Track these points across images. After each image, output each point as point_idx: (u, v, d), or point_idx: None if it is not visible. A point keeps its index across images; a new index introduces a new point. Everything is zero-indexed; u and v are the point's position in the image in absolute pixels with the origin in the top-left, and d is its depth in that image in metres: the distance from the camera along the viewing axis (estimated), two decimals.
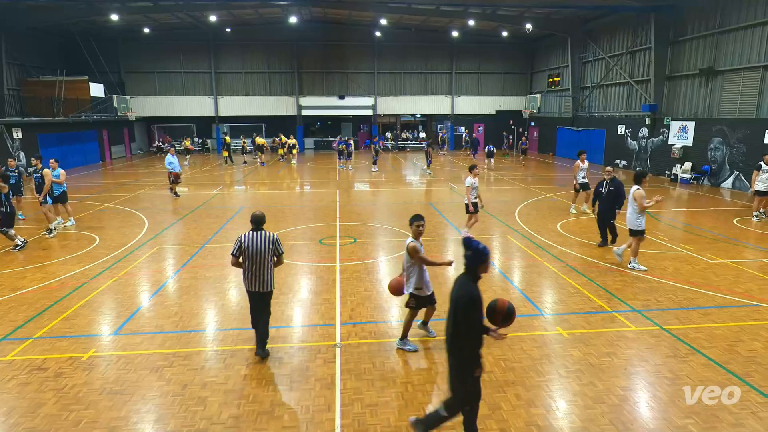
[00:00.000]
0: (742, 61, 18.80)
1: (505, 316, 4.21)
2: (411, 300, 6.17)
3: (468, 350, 4.06)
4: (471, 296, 3.99)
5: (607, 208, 10.31)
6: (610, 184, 10.31)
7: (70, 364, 5.88)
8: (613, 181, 10.33)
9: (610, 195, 10.22)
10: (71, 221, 13.22)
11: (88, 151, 29.95)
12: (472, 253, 4.10)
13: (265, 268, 5.92)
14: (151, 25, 31.89)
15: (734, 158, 18.88)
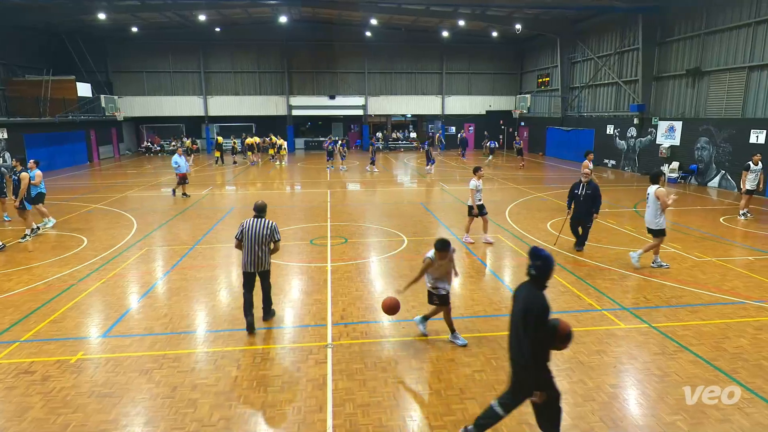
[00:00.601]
0: (728, 61, 19.06)
1: (563, 338, 4.03)
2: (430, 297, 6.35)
3: (537, 362, 3.96)
4: (545, 306, 3.91)
5: (583, 211, 9.97)
6: (587, 186, 9.95)
7: (57, 368, 5.81)
8: (590, 183, 9.98)
9: (587, 198, 9.88)
10: (50, 221, 12.89)
11: (75, 152, 29.58)
12: (542, 262, 4.01)
13: (262, 251, 6.64)
14: (139, 24, 31.57)
15: (720, 158, 19.14)
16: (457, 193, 18.23)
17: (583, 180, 10.02)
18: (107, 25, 30.72)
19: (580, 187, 10.04)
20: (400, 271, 9.20)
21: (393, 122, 44.60)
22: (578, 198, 10.03)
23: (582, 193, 9.96)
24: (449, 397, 5.18)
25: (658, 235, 9.11)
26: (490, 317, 7.18)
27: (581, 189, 10.02)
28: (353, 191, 19.88)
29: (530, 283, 4.06)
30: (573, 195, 10.17)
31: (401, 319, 7.11)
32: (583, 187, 9.98)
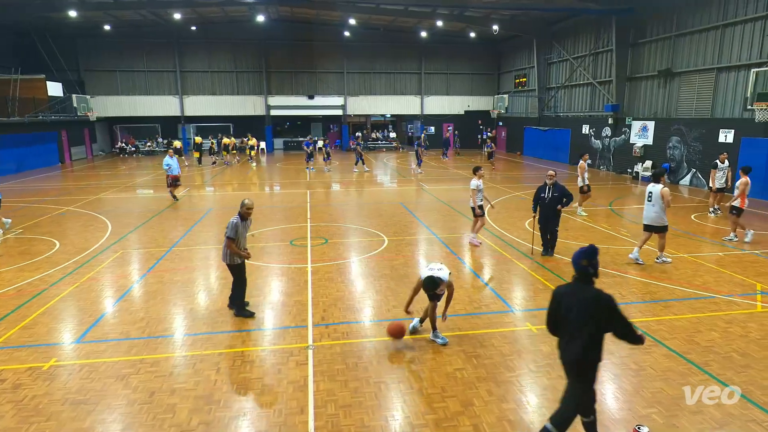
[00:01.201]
0: (698, 63, 19.60)
1: None
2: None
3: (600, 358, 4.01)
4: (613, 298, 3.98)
5: (551, 214, 9.72)
6: (553, 189, 9.64)
7: (29, 375, 5.64)
8: (556, 186, 9.68)
9: (554, 201, 9.60)
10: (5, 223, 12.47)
11: (46, 153, 28.78)
12: (597, 262, 4.04)
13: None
14: (112, 23, 30.87)
15: (691, 156, 19.67)
16: (437, 193, 18.33)
17: (548, 182, 9.70)
18: (79, 23, 29.97)
19: (546, 191, 9.73)
20: (380, 271, 9.21)
21: (372, 122, 44.64)
22: (544, 201, 9.73)
23: (548, 197, 9.67)
24: (431, 395, 5.20)
25: (662, 231, 9.44)
26: (470, 315, 7.24)
27: (547, 192, 9.71)
28: (334, 192, 19.80)
29: (583, 281, 4.05)
30: (539, 199, 9.84)
31: (381, 319, 7.12)
32: (549, 190, 9.68)
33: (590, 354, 3.98)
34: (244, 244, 7.12)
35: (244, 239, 7.14)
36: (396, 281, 8.65)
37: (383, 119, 44.64)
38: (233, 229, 6.84)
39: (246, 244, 7.23)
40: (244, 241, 7.12)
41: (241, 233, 7.02)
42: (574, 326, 4.00)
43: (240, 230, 6.97)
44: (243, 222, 7.02)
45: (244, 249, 7.06)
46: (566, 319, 4.05)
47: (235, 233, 6.86)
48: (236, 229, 6.87)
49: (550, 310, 4.19)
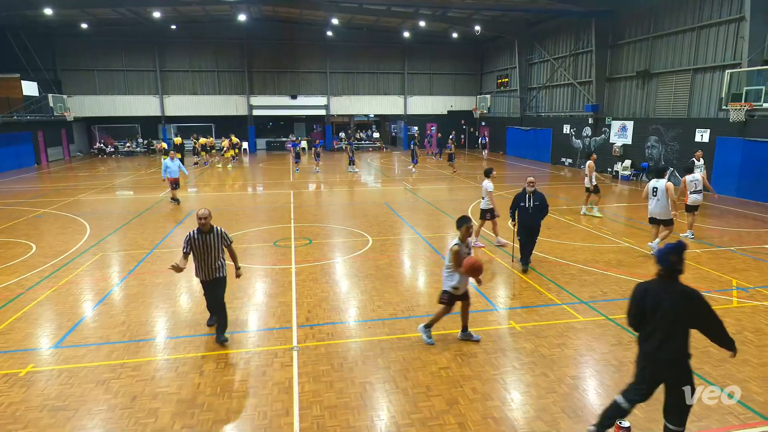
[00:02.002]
0: (674, 64, 20.02)
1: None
2: (444, 296, 6.31)
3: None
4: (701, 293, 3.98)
5: (532, 224, 8.98)
6: (534, 197, 8.86)
7: (5, 382, 5.50)
8: (536, 194, 8.91)
9: (536, 210, 8.85)
10: None
11: (21, 154, 28.06)
12: (683, 258, 4.07)
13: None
14: (89, 21, 30.25)
15: (669, 155, 20.08)
16: (421, 193, 18.39)
17: (529, 190, 8.89)
18: (55, 21, 29.31)
19: (527, 199, 8.89)
20: (365, 271, 9.20)
21: (356, 122, 44.57)
22: (526, 211, 8.90)
23: (530, 206, 8.85)
24: (416, 395, 5.21)
25: (670, 224, 9.92)
26: (455, 314, 7.26)
27: (528, 201, 8.87)
28: (318, 192, 19.72)
29: (672, 277, 4.06)
30: (518, 207, 9.01)
31: (366, 319, 7.11)
32: (530, 199, 8.86)
33: (687, 350, 4.00)
34: (213, 262, 6.20)
35: (214, 255, 6.19)
36: (381, 281, 8.66)
37: (367, 119, 44.61)
38: (186, 244, 6.14)
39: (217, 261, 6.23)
40: (212, 258, 6.19)
41: (200, 248, 6.13)
42: (667, 324, 3.96)
43: (198, 245, 6.10)
44: (202, 235, 6.12)
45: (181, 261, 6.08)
46: (654, 316, 4.00)
47: (188, 247, 6.12)
48: (190, 243, 6.10)
49: (633, 305, 4.14)
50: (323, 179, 22.69)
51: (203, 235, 6.13)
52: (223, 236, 6.28)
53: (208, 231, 6.15)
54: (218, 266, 6.28)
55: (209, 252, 6.17)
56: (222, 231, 6.30)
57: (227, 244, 6.36)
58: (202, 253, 6.15)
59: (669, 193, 9.67)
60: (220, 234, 6.27)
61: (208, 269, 6.23)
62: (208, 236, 6.15)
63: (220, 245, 6.26)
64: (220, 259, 6.31)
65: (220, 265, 6.31)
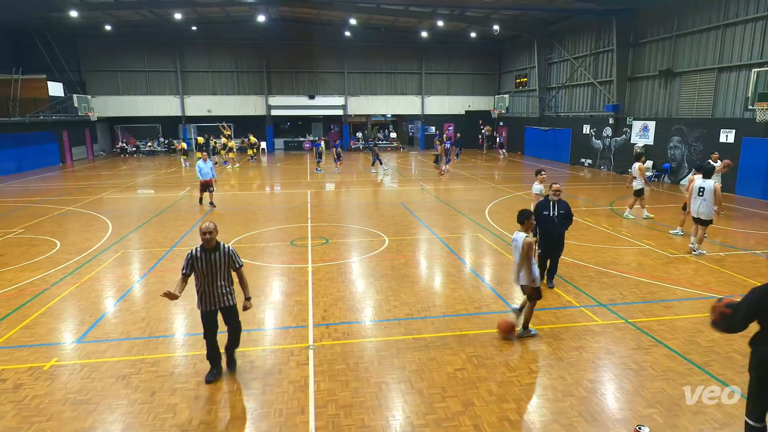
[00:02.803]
0: (698, 63, 19.59)
1: None
2: (528, 290, 6.36)
3: None
4: None
5: (557, 236, 8.11)
6: (558, 205, 8.03)
7: (30, 375, 5.65)
8: (561, 202, 8.09)
9: (561, 219, 8.03)
10: None
11: (47, 153, 28.80)
12: None
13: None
14: (112, 23, 30.87)
15: (692, 156, 19.65)
16: (438, 193, 18.33)
17: (553, 198, 8.03)
18: (79, 23, 29.98)
19: (552, 208, 8.04)
20: (381, 271, 9.21)
21: (372, 122, 44.64)
22: (550, 220, 8.02)
23: (554, 215, 8.03)
24: (431, 395, 5.20)
25: (707, 224, 10.02)
26: (472, 315, 7.24)
27: (552, 209, 8.03)
28: (335, 192, 19.80)
29: None
30: (541, 218, 8.00)
31: (382, 319, 7.12)
32: (554, 207, 8.03)
33: None
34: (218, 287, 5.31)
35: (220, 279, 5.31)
36: (397, 281, 8.65)
37: (384, 119, 44.64)
38: (186, 263, 5.26)
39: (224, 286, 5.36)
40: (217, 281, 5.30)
41: (203, 269, 5.24)
42: None
43: (201, 265, 5.22)
44: (207, 253, 5.23)
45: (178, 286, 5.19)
46: None
47: (189, 268, 5.25)
48: (191, 263, 5.25)
49: (748, 308, 3.91)
50: (342, 179, 22.76)
51: (208, 253, 5.23)
52: (231, 256, 5.36)
53: (213, 248, 5.25)
54: (225, 292, 5.35)
55: (214, 274, 5.26)
56: (231, 250, 5.38)
57: (236, 266, 5.41)
58: (206, 275, 5.24)
59: (716, 194, 9.80)
60: (228, 253, 5.34)
61: (213, 296, 5.31)
62: (213, 255, 5.24)
63: (227, 267, 5.35)
64: (228, 284, 5.39)
65: (227, 291, 5.37)
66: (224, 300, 5.38)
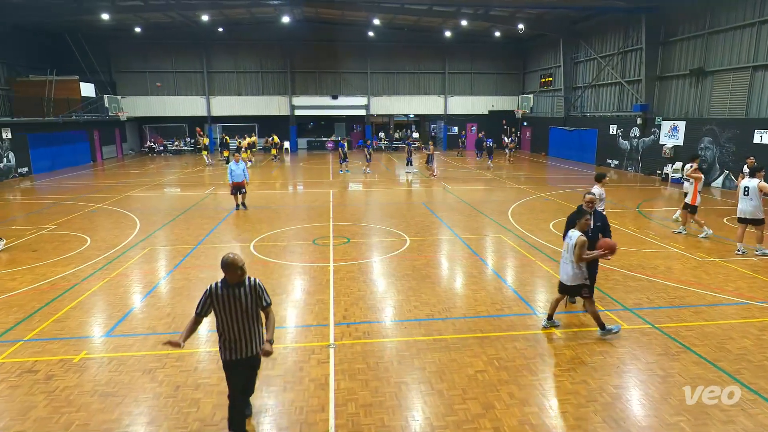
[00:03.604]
0: (732, 61, 18.99)
1: None
2: (585, 290, 6.40)
3: None
4: None
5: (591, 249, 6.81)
6: (594, 218, 6.98)
7: (61, 367, 5.83)
8: (596, 213, 7.14)
9: (596, 232, 6.98)
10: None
11: (78, 152, 29.69)
12: None
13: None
14: (141, 25, 31.63)
15: (724, 158, 19.07)
16: (460, 194, 18.22)
17: (587, 210, 6.96)
18: (110, 25, 30.79)
19: None
20: (402, 271, 9.20)
21: (395, 122, 44.64)
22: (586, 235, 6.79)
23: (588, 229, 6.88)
24: (451, 397, 5.17)
25: (760, 224, 9.99)
26: (493, 317, 7.17)
27: None
28: (356, 192, 19.87)
29: None
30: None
31: (403, 319, 7.11)
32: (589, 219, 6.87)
33: None
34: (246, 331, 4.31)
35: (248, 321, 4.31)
36: (418, 281, 8.64)
37: (406, 119, 44.59)
38: (203, 302, 4.30)
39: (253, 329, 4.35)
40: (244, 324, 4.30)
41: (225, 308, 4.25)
42: None
43: (223, 303, 4.23)
44: (229, 289, 4.23)
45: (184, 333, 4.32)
46: None
47: (205, 308, 4.29)
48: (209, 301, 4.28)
49: None
50: (364, 179, 22.81)
51: (231, 289, 4.23)
52: (258, 292, 4.33)
53: (237, 283, 4.24)
54: (254, 337, 4.37)
55: (238, 314, 4.25)
56: (258, 284, 4.36)
57: (263, 305, 4.38)
58: (229, 316, 4.25)
59: (762, 193, 9.78)
60: (256, 288, 4.32)
61: (239, 341, 4.31)
62: (237, 290, 4.25)
63: (255, 305, 4.33)
64: (258, 326, 4.40)
65: (256, 335, 4.39)
66: (252, 346, 4.37)
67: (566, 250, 6.47)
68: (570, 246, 6.37)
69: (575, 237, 6.29)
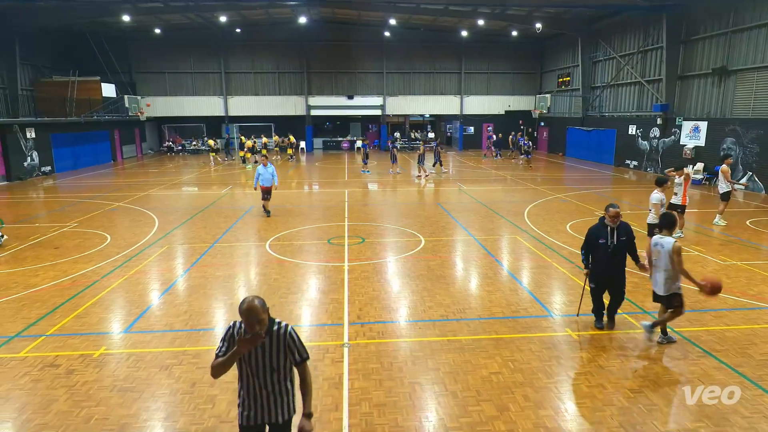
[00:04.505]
0: (756, 60, 18.54)
1: None
2: (676, 299, 6.09)
3: None
4: None
5: (615, 269, 6.51)
6: (619, 231, 6.41)
7: (81, 362, 5.95)
8: (622, 227, 6.44)
9: (621, 248, 6.42)
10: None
11: (99, 151, 30.26)
12: None
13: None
14: (161, 26, 32.13)
15: (747, 159, 18.64)
16: (475, 194, 18.11)
17: (611, 225, 6.39)
18: (130, 27, 31.35)
19: (609, 235, 6.41)
20: (417, 272, 9.19)
21: (410, 122, 44.59)
22: (605, 250, 6.42)
23: (612, 243, 6.40)
24: (466, 398, 5.15)
25: None
26: (508, 319, 7.12)
27: (611, 237, 6.39)
28: (371, 191, 19.88)
29: None
30: (596, 246, 6.47)
31: (417, 320, 7.10)
32: (613, 234, 6.40)
33: None
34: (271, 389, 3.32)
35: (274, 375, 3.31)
36: (432, 282, 8.61)
37: (422, 119, 44.50)
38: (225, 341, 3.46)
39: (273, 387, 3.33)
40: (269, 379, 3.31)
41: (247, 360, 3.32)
42: None
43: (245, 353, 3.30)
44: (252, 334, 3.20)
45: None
46: None
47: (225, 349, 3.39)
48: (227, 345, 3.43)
49: None
50: (379, 179, 22.82)
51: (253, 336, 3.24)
52: (289, 344, 3.31)
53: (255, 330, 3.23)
54: (280, 399, 3.36)
55: (261, 369, 3.30)
56: (290, 334, 3.33)
57: (297, 359, 3.35)
58: (249, 368, 3.33)
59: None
60: (287, 338, 3.31)
61: (260, 403, 3.33)
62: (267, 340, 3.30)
63: (284, 361, 3.33)
64: (286, 385, 3.38)
65: (283, 397, 3.38)
66: (278, 411, 3.36)
67: (657, 257, 6.08)
68: (663, 254, 5.99)
69: (669, 244, 5.93)
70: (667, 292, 6.08)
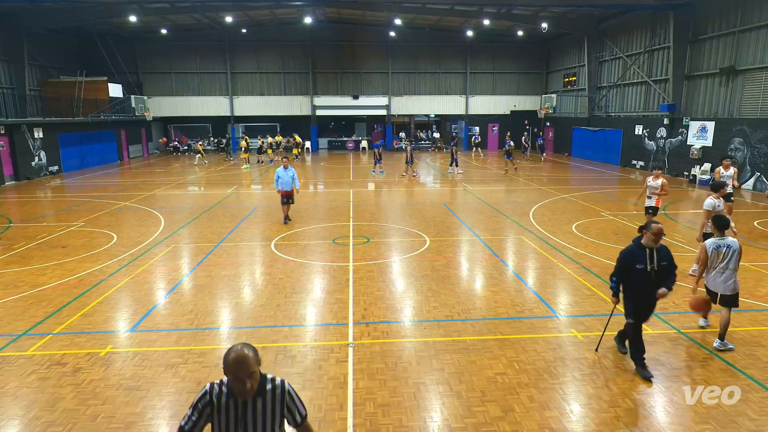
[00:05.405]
0: (764, 59, 18.39)
1: None
2: (735, 300, 6.16)
3: None
4: None
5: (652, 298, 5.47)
6: (659, 255, 5.37)
7: (87, 360, 5.99)
8: (662, 250, 5.40)
9: (661, 274, 5.40)
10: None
11: (106, 151, 30.44)
12: None
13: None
14: (167, 26, 32.28)
15: (755, 159, 18.50)
16: (480, 194, 18.07)
17: (652, 245, 5.35)
18: (137, 27, 31.49)
19: (648, 258, 5.35)
20: (422, 272, 9.18)
21: (416, 122, 44.55)
22: (646, 278, 5.37)
23: (652, 269, 5.36)
24: (470, 399, 5.14)
25: None
26: (513, 320, 7.10)
27: (650, 262, 5.35)
28: (377, 191, 19.89)
29: None
30: (632, 272, 5.40)
31: (422, 320, 7.09)
32: (652, 257, 5.35)
33: None
34: None
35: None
36: (437, 282, 8.60)
37: (427, 119, 44.47)
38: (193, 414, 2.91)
39: None
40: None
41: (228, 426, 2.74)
42: None
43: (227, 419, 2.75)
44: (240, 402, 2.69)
45: None
46: None
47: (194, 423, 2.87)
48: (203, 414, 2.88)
49: None
50: (385, 179, 22.82)
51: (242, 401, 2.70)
52: (288, 401, 2.73)
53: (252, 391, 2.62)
54: None
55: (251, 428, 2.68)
56: (289, 391, 2.74)
57: (297, 420, 2.78)
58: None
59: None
60: (284, 396, 2.73)
61: None
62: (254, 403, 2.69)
63: (280, 423, 2.74)
64: None
65: None
66: None
67: (722, 260, 6.10)
68: (730, 254, 6.08)
69: (736, 243, 6.14)
70: (734, 291, 6.15)
